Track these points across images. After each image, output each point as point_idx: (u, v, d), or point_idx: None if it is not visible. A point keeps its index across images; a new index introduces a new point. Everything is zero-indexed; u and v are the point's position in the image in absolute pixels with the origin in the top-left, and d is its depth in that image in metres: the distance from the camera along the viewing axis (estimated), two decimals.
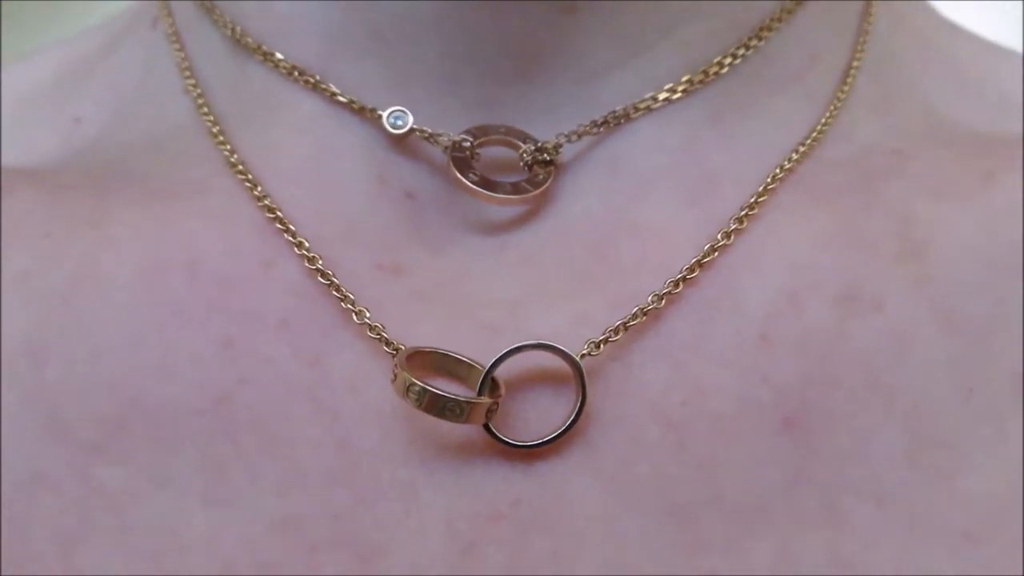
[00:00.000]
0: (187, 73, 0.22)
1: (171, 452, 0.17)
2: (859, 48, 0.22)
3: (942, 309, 0.18)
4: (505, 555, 0.16)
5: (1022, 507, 0.16)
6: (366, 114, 0.20)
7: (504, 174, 0.20)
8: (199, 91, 0.21)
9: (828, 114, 0.20)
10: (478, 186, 0.19)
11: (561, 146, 0.19)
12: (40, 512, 0.17)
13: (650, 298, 0.17)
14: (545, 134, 0.19)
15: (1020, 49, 0.27)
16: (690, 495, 0.16)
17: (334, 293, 0.18)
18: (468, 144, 0.19)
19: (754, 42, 0.20)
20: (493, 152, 0.20)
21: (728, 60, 0.20)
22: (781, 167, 0.19)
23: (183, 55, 0.22)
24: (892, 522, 0.16)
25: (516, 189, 0.19)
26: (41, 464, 0.17)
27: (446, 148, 0.19)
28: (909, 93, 0.22)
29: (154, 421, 0.17)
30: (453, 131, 0.19)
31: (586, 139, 0.19)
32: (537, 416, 0.16)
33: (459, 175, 0.19)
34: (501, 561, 0.16)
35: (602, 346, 0.17)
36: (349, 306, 0.17)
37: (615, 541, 0.16)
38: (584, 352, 0.17)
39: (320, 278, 0.18)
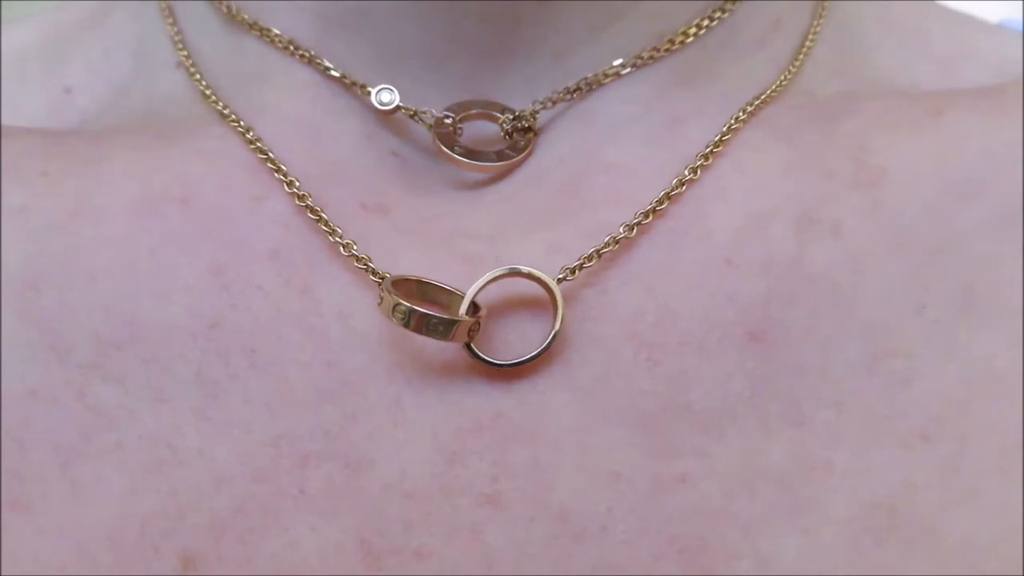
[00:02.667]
0: (180, 46, 0.23)
1: (166, 371, 0.18)
2: (819, 15, 0.23)
3: (896, 230, 0.19)
4: (487, 463, 0.16)
5: (972, 407, 0.17)
6: (356, 89, 0.21)
7: (488, 145, 0.21)
8: (192, 62, 0.22)
9: (787, 72, 0.22)
10: (463, 156, 0.20)
11: (538, 112, 0.20)
12: (39, 427, 0.18)
13: (621, 228, 0.18)
14: (524, 103, 0.21)
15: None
16: (661, 406, 0.17)
17: (323, 228, 0.19)
18: (450, 120, 0.20)
19: (718, 13, 0.21)
20: (476, 126, 0.21)
21: (693, 30, 0.21)
22: (744, 110, 0.20)
23: (176, 29, 0.23)
24: (851, 424, 0.17)
25: (500, 156, 0.20)
26: (39, 382, 0.18)
27: (430, 125, 0.20)
28: (865, 57, 0.24)
29: (149, 342, 0.18)
30: (438, 106, 0.20)
31: (561, 105, 0.20)
32: (517, 338, 0.17)
33: (444, 148, 0.20)
34: (484, 468, 0.16)
35: (577, 272, 0.18)
36: (337, 239, 0.18)
37: (591, 449, 0.17)
38: (560, 277, 0.18)
39: (309, 214, 0.19)
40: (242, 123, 0.20)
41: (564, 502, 0.17)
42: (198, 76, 0.22)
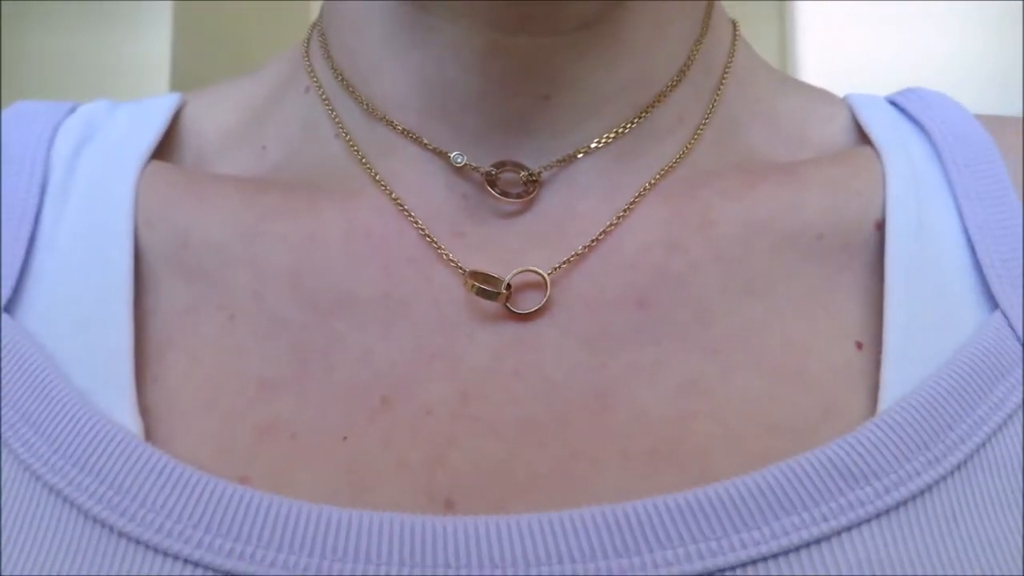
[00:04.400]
0: (339, 124, 0.33)
1: (364, 316, 0.29)
2: (708, 112, 0.32)
3: (719, 251, 0.29)
4: (515, 358, 0.28)
5: (743, 336, 0.28)
6: (441, 155, 0.31)
7: (512, 188, 0.30)
8: (348, 136, 0.32)
9: (683, 153, 0.31)
10: (499, 195, 0.30)
11: (542, 172, 0.31)
12: (307, 341, 0.28)
13: (581, 248, 0.29)
14: (534, 166, 0.31)
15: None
16: (596, 334, 0.28)
17: (433, 245, 0.30)
18: (493, 172, 0.30)
19: (643, 113, 0.31)
20: (506, 176, 0.31)
21: (630, 125, 0.31)
22: (648, 183, 0.31)
23: (334, 113, 0.33)
24: (681, 347, 0.28)
25: (519, 196, 0.30)
26: (306, 323, 0.28)
27: (482, 174, 0.30)
28: (735, 140, 0.33)
29: (357, 303, 0.29)
30: (485, 164, 0.30)
31: (555, 168, 0.31)
32: (528, 302, 0.29)
33: (490, 189, 0.30)
34: (512, 360, 0.28)
35: (558, 270, 0.29)
36: (442, 251, 0.29)
37: (563, 353, 0.28)
38: (549, 272, 0.29)
39: (427, 238, 0.30)
40: (387, 187, 0.31)
41: (549, 376, 0.27)
42: (354, 146, 0.32)
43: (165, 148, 0.34)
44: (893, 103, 0.35)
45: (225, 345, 0.29)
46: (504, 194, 0.31)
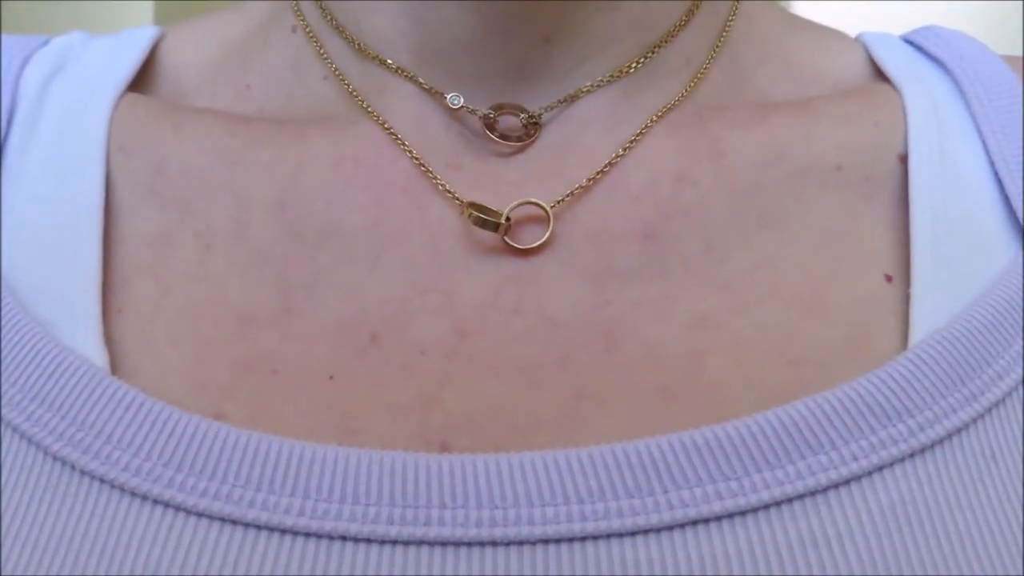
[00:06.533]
0: (330, 63, 0.31)
1: (352, 248, 0.27)
2: (715, 51, 0.32)
3: (726, 183, 0.28)
4: (515, 294, 0.27)
5: (755, 273, 0.27)
6: (438, 96, 0.30)
7: (511, 131, 0.30)
8: (340, 75, 0.31)
9: (687, 90, 0.31)
10: (499, 138, 0.30)
11: (542, 114, 0.30)
12: (291, 274, 0.27)
13: (585, 180, 0.28)
14: (534, 108, 0.30)
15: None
16: (600, 269, 0.27)
17: (428, 175, 0.28)
18: (492, 115, 0.30)
19: (649, 54, 0.30)
20: (505, 119, 0.30)
21: (635, 65, 0.30)
22: (656, 115, 0.30)
23: (324, 53, 0.31)
24: (691, 280, 0.27)
25: (519, 139, 0.30)
26: (286, 253, 0.27)
27: (480, 117, 0.30)
28: (744, 81, 0.32)
29: (345, 233, 0.27)
30: (484, 107, 0.30)
31: (556, 109, 0.30)
32: (529, 236, 0.28)
33: (488, 133, 0.29)
34: (512, 296, 0.27)
35: (561, 203, 0.28)
36: (437, 181, 0.28)
37: (564, 289, 0.27)
38: (552, 205, 0.28)
39: (422, 168, 0.29)
40: (380, 118, 0.30)
41: (551, 314, 0.26)
42: (346, 83, 0.31)
43: (142, 81, 0.33)
44: (908, 41, 0.34)
45: (201, 275, 0.27)
46: (503, 137, 0.30)
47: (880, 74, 0.32)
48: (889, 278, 0.27)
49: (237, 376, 0.26)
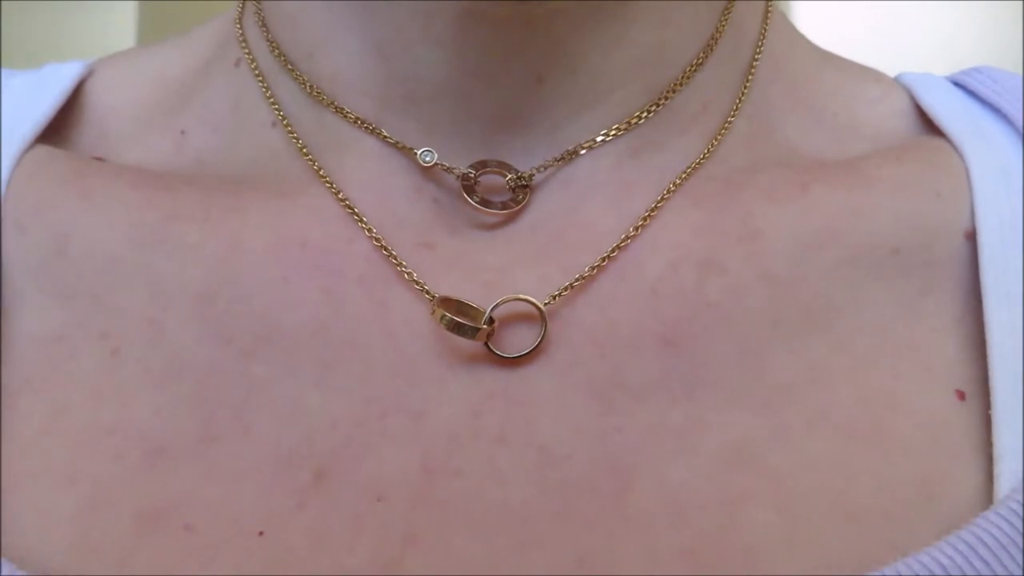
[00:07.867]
0: (277, 109, 0.28)
1: (296, 356, 0.24)
2: (740, 97, 0.28)
3: (762, 271, 0.25)
4: (499, 417, 0.23)
5: (801, 388, 0.24)
6: (406, 151, 0.26)
7: (495, 194, 0.26)
8: (288, 124, 0.28)
9: (711, 146, 0.27)
10: (479, 204, 0.26)
11: (534, 175, 0.26)
12: (215, 391, 0.24)
13: (587, 268, 0.25)
14: (524, 166, 0.26)
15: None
16: (607, 384, 0.24)
17: (392, 261, 0.25)
18: (472, 175, 0.26)
19: (661, 100, 0.27)
20: (489, 179, 0.27)
21: (645, 114, 0.26)
22: (674, 183, 0.26)
23: (271, 96, 0.28)
24: (721, 397, 0.23)
25: (504, 206, 0.26)
26: (214, 361, 0.24)
27: (458, 177, 0.26)
28: (772, 131, 0.29)
29: (285, 337, 0.24)
30: (462, 165, 0.26)
31: (551, 169, 0.26)
32: (518, 340, 0.24)
33: (467, 197, 0.26)
34: (495, 421, 0.23)
35: (556, 298, 0.24)
36: (402, 269, 0.25)
37: (562, 410, 0.23)
38: (545, 302, 0.24)
39: (384, 252, 0.25)
40: (334, 185, 0.26)
41: (544, 443, 0.23)
42: (295, 136, 0.27)
43: (62, 128, 0.29)
44: (957, 84, 0.30)
45: (104, 391, 0.24)
46: (485, 203, 0.26)
47: (928, 124, 0.29)
48: (962, 395, 0.24)
49: (141, 532, 0.22)
